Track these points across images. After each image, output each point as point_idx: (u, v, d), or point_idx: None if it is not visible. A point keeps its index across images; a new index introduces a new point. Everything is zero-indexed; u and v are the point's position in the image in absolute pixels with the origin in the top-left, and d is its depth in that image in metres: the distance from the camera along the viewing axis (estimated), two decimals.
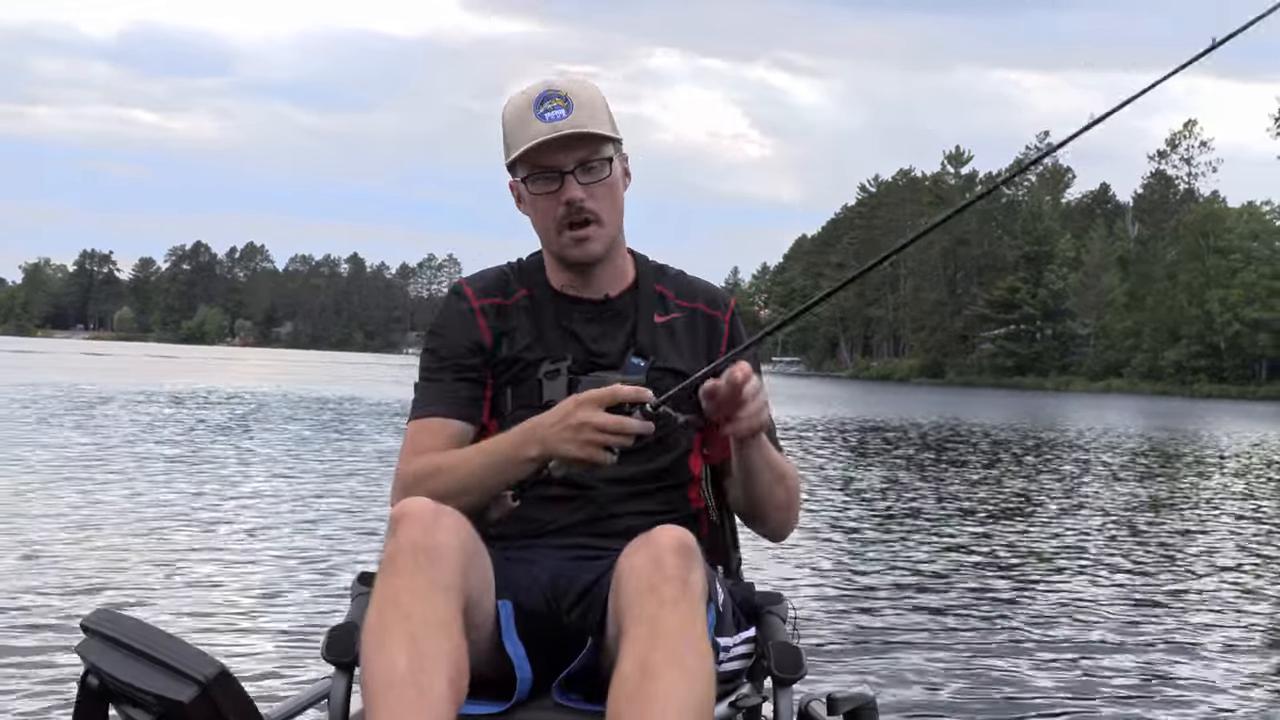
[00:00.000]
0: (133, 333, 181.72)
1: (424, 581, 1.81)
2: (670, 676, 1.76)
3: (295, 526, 8.64)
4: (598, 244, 2.21)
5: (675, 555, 1.88)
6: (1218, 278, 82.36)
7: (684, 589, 1.85)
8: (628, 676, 1.78)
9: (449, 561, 1.85)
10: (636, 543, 1.94)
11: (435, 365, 2.25)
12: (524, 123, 2.16)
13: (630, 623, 1.84)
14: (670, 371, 2.23)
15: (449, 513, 1.93)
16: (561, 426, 2.00)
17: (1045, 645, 5.80)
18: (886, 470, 15.18)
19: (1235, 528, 10.88)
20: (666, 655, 1.78)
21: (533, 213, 2.23)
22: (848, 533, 9.42)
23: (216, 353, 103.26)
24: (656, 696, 1.74)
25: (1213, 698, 4.95)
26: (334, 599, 6.01)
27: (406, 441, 2.23)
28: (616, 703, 1.77)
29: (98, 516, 8.63)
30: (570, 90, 2.16)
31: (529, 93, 2.18)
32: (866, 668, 5.17)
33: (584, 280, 2.26)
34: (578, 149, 2.15)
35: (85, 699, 1.91)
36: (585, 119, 2.15)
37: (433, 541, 1.85)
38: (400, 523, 1.88)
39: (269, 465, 12.95)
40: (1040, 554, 8.78)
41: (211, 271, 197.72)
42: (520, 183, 2.22)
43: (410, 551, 1.84)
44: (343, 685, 2.05)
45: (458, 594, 1.85)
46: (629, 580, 1.89)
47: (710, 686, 1.82)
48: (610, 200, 2.21)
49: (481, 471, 2.09)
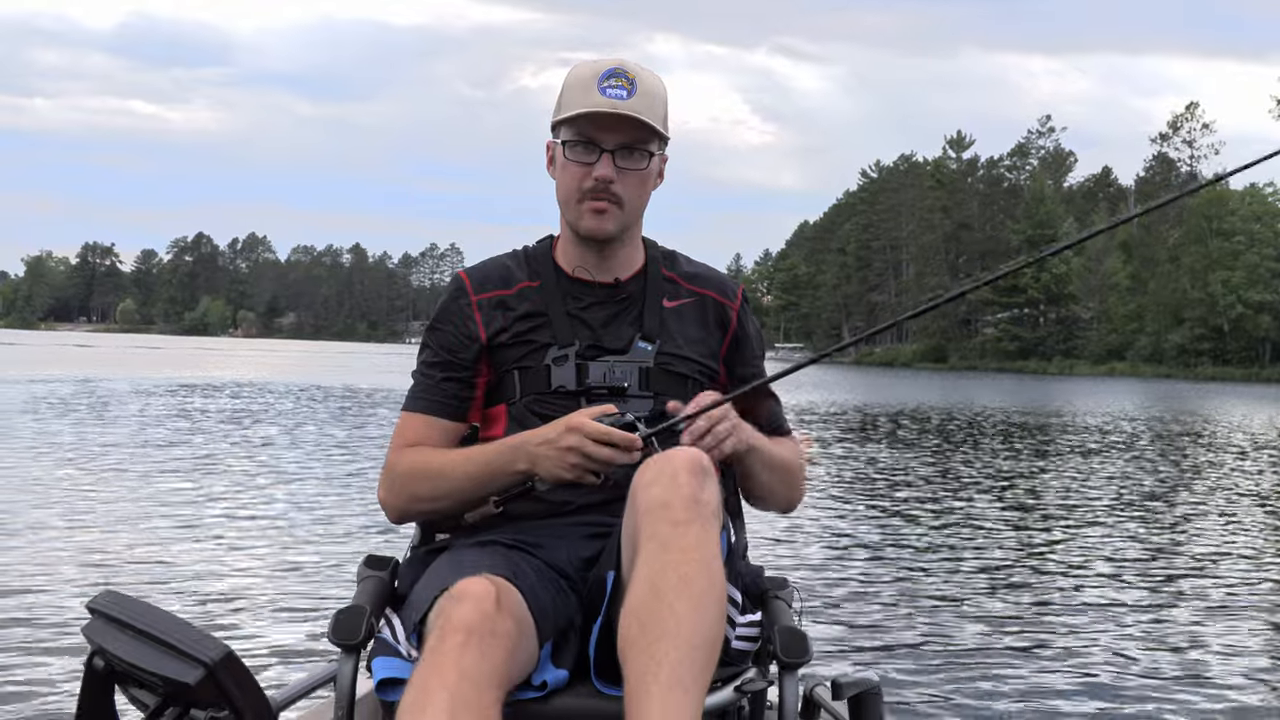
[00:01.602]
0: (135, 325, 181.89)
1: (472, 665, 1.77)
2: (681, 604, 1.77)
3: (302, 510, 8.68)
4: (612, 222, 2.21)
5: (688, 473, 1.89)
6: (1221, 260, 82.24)
7: (696, 507, 1.86)
8: (639, 599, 1.79)
9: (501, 651, 1.81)
10: (651, 460, 1.95)
11: (429, 360, 2.28)
12: (585, 89, 2.17)
13: (643, 540, 1.85)
14: (677, 357, 2.25)
15: (506, 594, 1.88)
16: (550, 448, 2.05)
17: (1052, 630, 5.81)
18: (892, 455, 15.18)
19: (1250, 513, 10.87)
20: (677, 578, 1.79)
21: (560, 176, 2.24)
22: (854, 519, 9.42)
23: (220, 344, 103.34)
24: (666, 624, 1.75)
25: (1223, 682, 4.96)
26: (340, 582, 6.02)
27: (396, 431, 2.28)
28: (629, 627, 1.79)
29: (105, 500, 8.67)
30: (638, 75, 2.18)
31: (598, 64, 2.19)
32: (872, 653, 5.18)
33: (595, 261, 2.27)
34: (626, 132, 2.17)
35: (91, 680, 1.91)
36: (642, 107, 2.16)
37: (489, 628, 1.81)
38: (459, 601, 1.83)
39: (275, 451, 12.99)
40: (1048, 540, 8.79)
41: (214, 263, 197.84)
42: (560, 144, 2.22)
43: (464, 633, 1.79)
44: (349, 668, 2.04)
45: (502, 682, 1.82)
46: (642, 495, 1.90)
47: (720, 609, 1.83)
48: (638, 189, 2.23)
49: (468, 480, 2.15)
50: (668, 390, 2.22)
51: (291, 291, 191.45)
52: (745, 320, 2.36)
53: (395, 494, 2.23)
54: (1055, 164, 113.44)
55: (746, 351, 2.36)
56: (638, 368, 2.22)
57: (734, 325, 2.34)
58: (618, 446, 2.02)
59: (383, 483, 2.25)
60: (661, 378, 2.23)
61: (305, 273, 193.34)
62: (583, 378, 2.20)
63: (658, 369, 2.23)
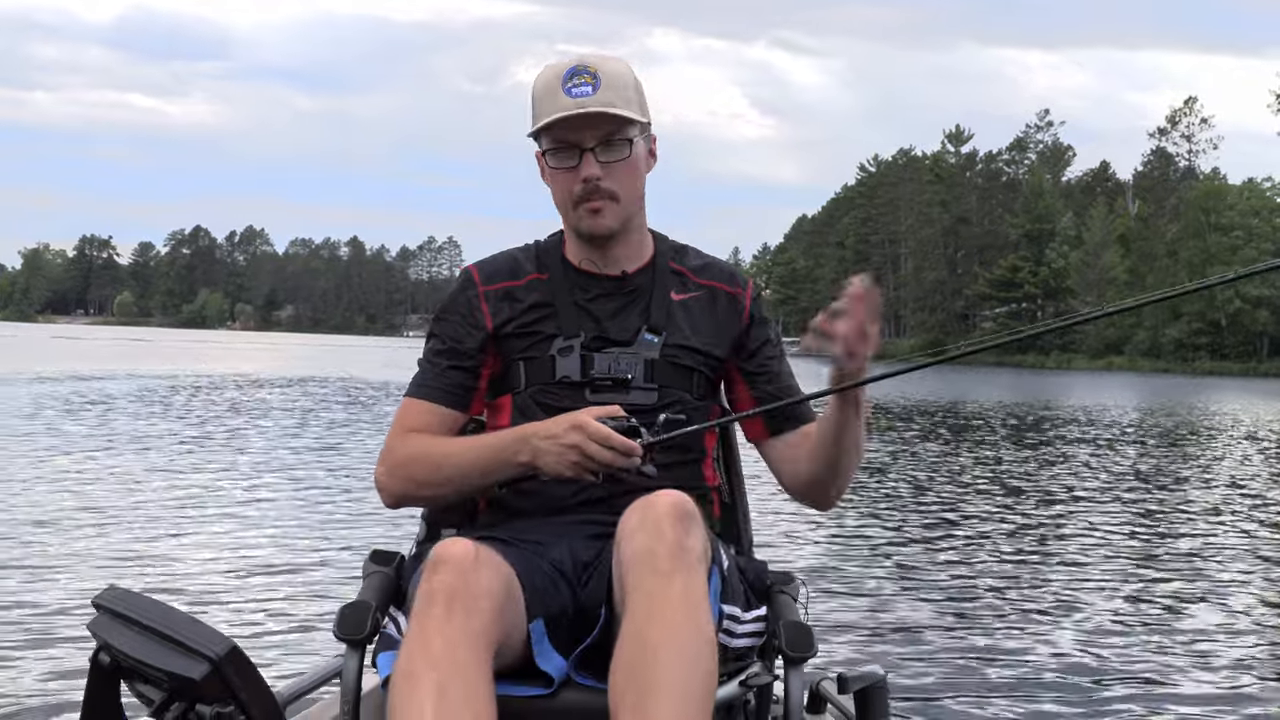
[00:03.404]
0: (133, 317, 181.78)
1: (457, 630, 1.79)
2: (668, 656, 1.75)
3: (307, 505, 8.67)
4: (610, 218, 2.21)
5: (672, 520, 1.87)
6: (1219, 255, 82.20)
7: (680, 555, 1.84)
8: (627, 653, 1.78)
9: (484, 611, 1.83)
10: (635, 505, 1.94)
11: (435, 349, 2.27)
12: (550, 96, 2.16)
13: (629, 591, 1.84)
14: (684, 348, 2.24)
15: (487, 555, 1.91)
16: (553, 443, 2.05)
17: (1057, 625, 5.80)
18: (897, 449, 15.17)
19: (1255, 512, 10.88)
20: (664, 632, 1.77)
21: (552, 184, 2.24)
22: (860, 512, 9.40)
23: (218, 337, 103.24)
24: (656, 679, 1.74)
25: (1229, 678, 4.95)
26: (346, 577, 6.01)
27: (398, 416, 2.26)
28: (617, 681, 1.77)
29: (110, 496, 8.66)
30: (600, 68, 2.16)
31: (559, 66, 2.18)
32: (877, 647, 5.17)
33: (601, 255, 2.27)
34: (600, 127, 2.16)
35: (97, 676, 1.91)
36: (611, 98, 2.15)
37: (470, 590, 1.83)
38: (438, 567, 1.85)
39: (280, 445, 12.98)
40: (1053, 533, 8.77)
41: (211, 255, 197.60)
42: (542, 155, 2.23)
43: (446, 598, 1.81)
44: (355, 663, 2.04)
45: (490, 641, 1.83)
46: (627, 544, 1.89)
47: (711, 659, 1.81)
48: (629, 179, 2.21)
49: (470, 467, 2.15)
50: (672, 383, 2.22)
51: (289, 284, 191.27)
52: (757, 308, 2.35)
53: (394, 477, 2.21)
54: (1053, 158, 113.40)
55: (763, 338, 2.34)
56: (643, 359, 2.21)
57: (747, 313, 2.33)
58: (618, 451, 2.02)
59: (381, 464, 2.23)
60: (666, 370, 2.22)
61: (303, 266, 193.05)
62: (587, 369, 2.19)
63: (663, 361, 2.22)
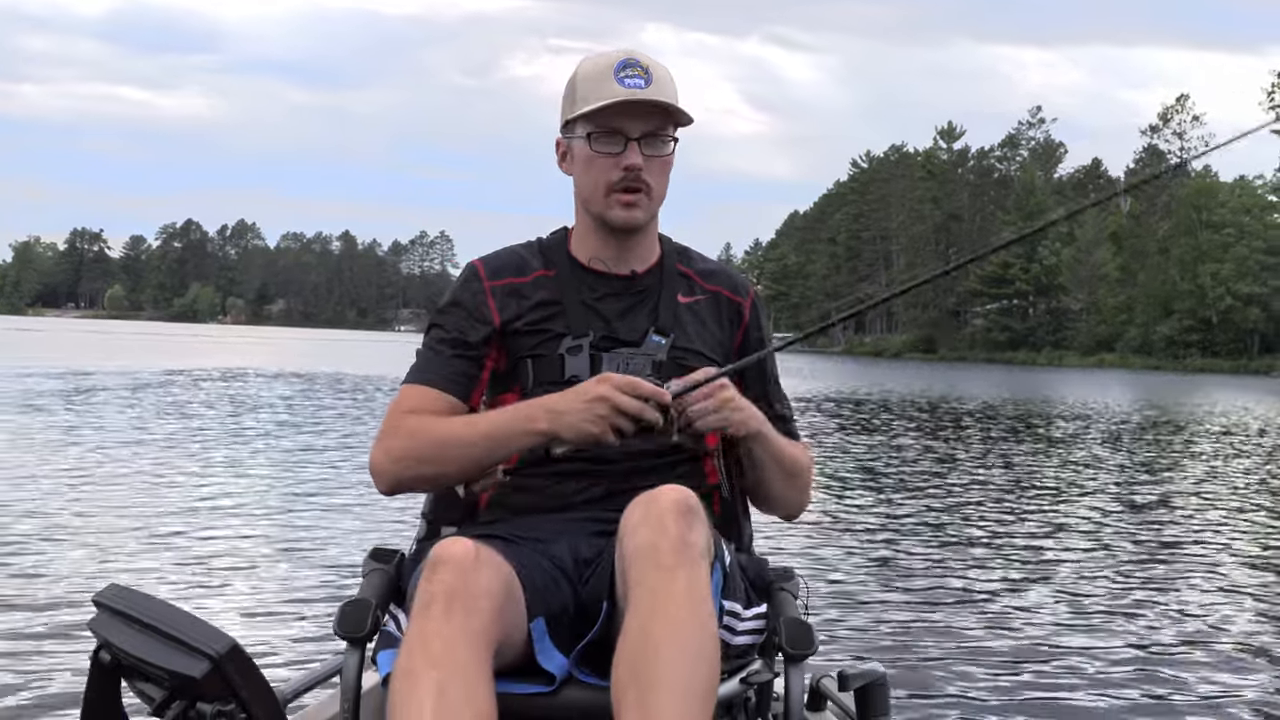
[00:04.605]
0: (124, 311, 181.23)
1: (457, 630, 1.78)
2: (670, 651, 1.75)
3: (307, 502, 8.65)
4: (642, 213, 2.22)
5: (675, 514, 1.87)
6: (1210, 252, 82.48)
7: (684, 550, 1.84)
8: (630, 649, 1.78)
9: (484, 611, 1.83)
10: (638, 500, 1.93)
11: (439, 338, 2.25)
12: (601, 82, 2.16)
13: (632, 586, 1.84)
14: (690, 351, 2.24)
15: (487, 555, 1.90)
16: (578, 400, 2.03)
17: (1058, 621, 5.81)
18: (895, 446, 15.19)
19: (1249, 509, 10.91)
20: (667, 627, 1.77)
21: (583, 170, 2.22)
22: (859, 509, 9.42)
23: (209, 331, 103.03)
24: (658, 674, 1.74)
25: (1225, 675, 4.96)
26: (346, 575, 6.01)
27: (395, 402, 2.22)
28: (619, 676, 1.77)
29: (109, 494, 8.63)
30: (650, 65, 2.19)
31: (609, 56, 2.19)
32: (878, 645, 5.17)
33: (615, 252, 2.27)
34: (649, 119, 2.17)
35: (97, 674, 1.90)
36: (664, 92, 2.17)
37: (469, 590, 1.82)
38: (438, 567, 1.84)
39: (278, 442, 12.96)
40: (1055, 530, 8.79)
41: (203, 249, 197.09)
42: (581, 139, 2.20)
43: (445, 598, 1.81)
44: (355, 660, 2.04)
45: (490, 641, 1.83)
46: (629, 539, 1.88)
47: (714, 655, 1.82)
48: (664, 177, 2.23)
49: (482, 440, 2.10)
50: None
51: (281, 278, 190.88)
52: (756, 316, 2.36)
53: (393, 457, 2.14)
54: (1045, 155, 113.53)
55: (758, 348, 2.34)
56: (651, 360, 2.21)
57: (746, 322, 2.35)
58: (646, 400, 2.00)
59: (379, 445, 2.15)
60: (674, 371, 2.21)
61: (295, 260, 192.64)
62: (596, 368, 2.18)
63: (671, 362, 2.22)
